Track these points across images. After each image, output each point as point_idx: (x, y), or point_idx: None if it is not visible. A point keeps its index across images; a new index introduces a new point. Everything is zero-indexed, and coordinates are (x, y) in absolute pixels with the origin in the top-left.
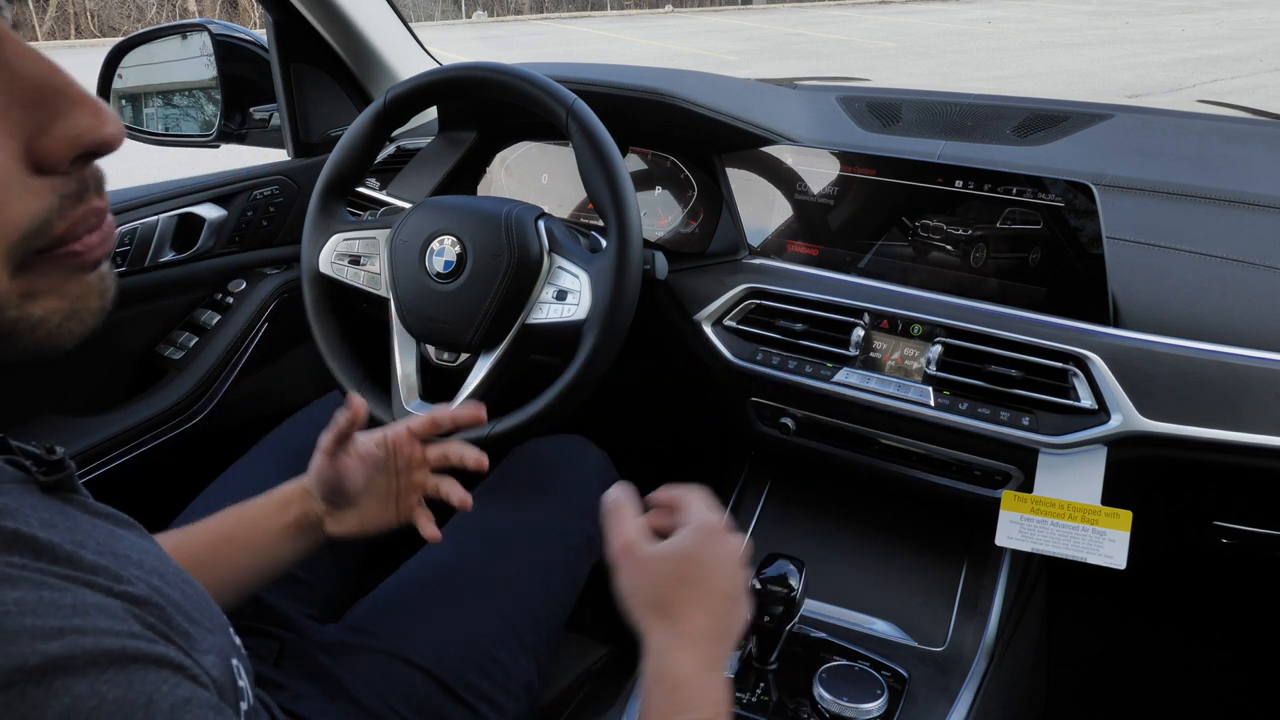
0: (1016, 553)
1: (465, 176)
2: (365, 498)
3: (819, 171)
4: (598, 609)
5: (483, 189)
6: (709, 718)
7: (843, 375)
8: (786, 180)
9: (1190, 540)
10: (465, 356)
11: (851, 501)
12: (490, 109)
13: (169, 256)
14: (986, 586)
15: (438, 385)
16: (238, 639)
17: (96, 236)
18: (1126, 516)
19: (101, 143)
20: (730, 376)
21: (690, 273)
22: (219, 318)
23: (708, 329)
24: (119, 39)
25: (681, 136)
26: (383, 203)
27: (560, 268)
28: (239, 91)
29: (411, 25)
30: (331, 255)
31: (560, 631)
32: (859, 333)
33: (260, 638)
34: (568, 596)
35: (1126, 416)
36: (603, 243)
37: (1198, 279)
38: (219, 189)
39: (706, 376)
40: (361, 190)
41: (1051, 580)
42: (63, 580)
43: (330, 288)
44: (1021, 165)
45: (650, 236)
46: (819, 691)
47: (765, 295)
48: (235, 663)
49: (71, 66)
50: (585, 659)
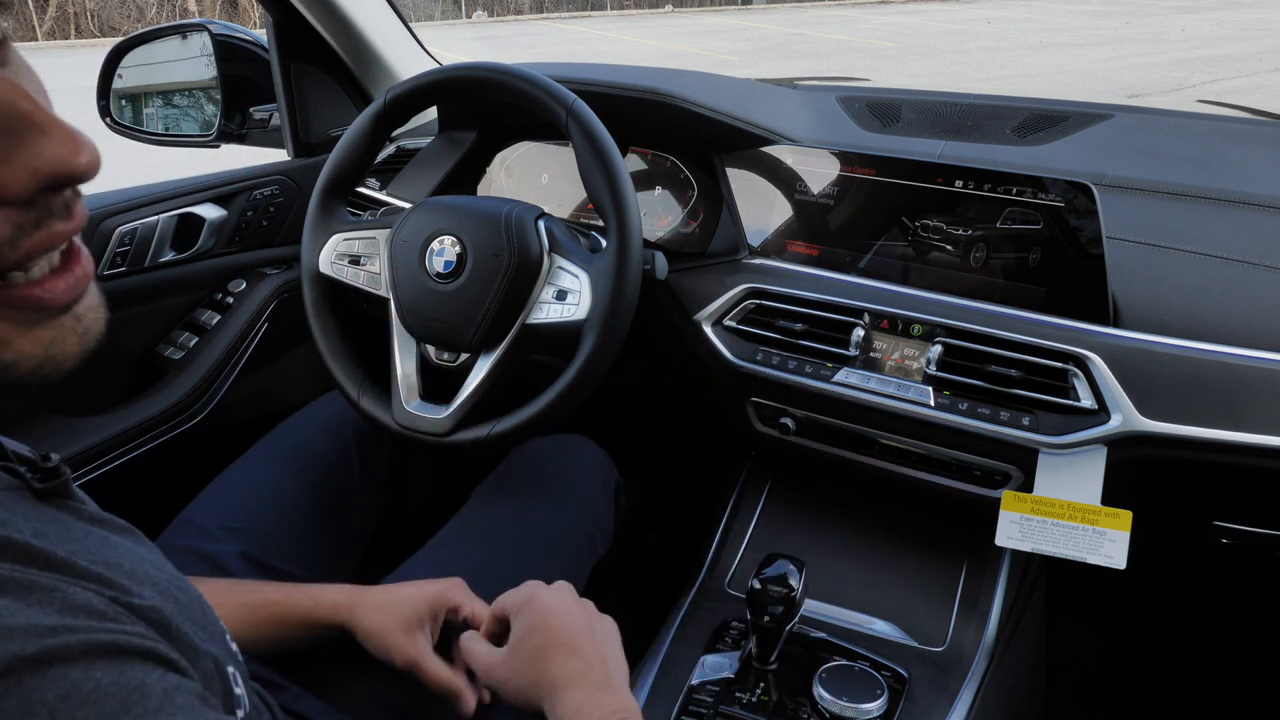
0: (1016, 553)
1: (465, 176)
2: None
3: (819, 171)
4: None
5: (483, 189)
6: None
7: (843, 375)
8: (786, 180)
9: (1190, 540)
10: (465, 356)
11: (851, 501)
12: (490, 109)
13: (169, 256)
14: (986, 586)
15: (438, 385)
16: (234, 646)
17: (63, 282)
18: (1126, 516)
19: (70, 174)
20: (730, 376)
21: (690, 273)
22: (219, 318)
23: (708, 329)
24: (119, 39)
25: (681, 136)
26: (383, 203)
27: (560, 268)
28: (239, 91)
29: (411, 25)
30: (331, 255)
31: None
32: (859, 333)
33: None
34: None
35: (1126, 416)
36: (603, 243)
37: (1198, 279)
38: (219, 189)
39: (706, 376)
40: (361, 190)
41: (1051, 580)
42: (54, 582)
43: (330, 288)
44: (1021, 165)
45: (650, 236)
46: (819, 691)
47: (765, 295)
48: (231, 670)
49: (71, 66)
50: None
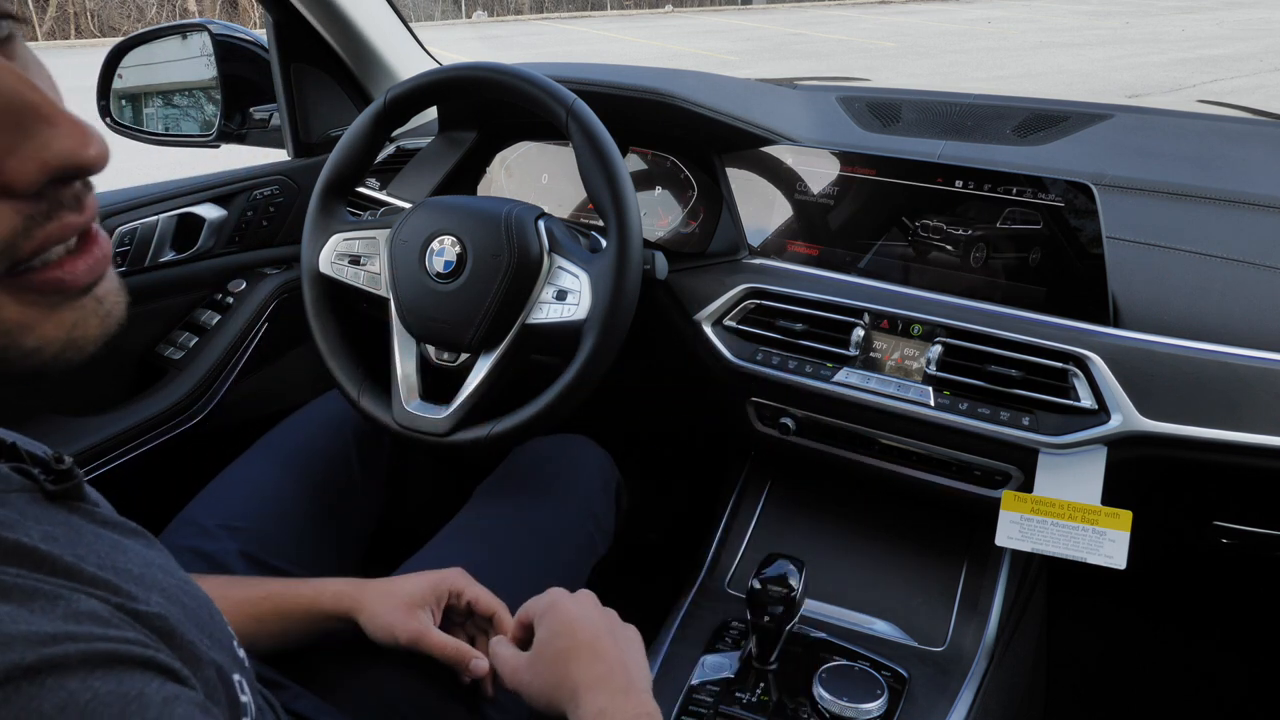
0: (1016, 553)
1: (465, 176)
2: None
3: (819, 171)
4: None
5: (483, 189)
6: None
7: (843, 375)
8: (786, 180)
9: (1190, 540)
10: (465, 356)
11: (851, 501)
12: (490, 109)
13: (169, 256)
14: (986, 586)
15: (438, 385)
16: (241, 651)
17: (83, 263)
18: (1126, 516)
19: (79, 166)
20: (730, 376)
21: (690, 273)
22: (219, 318)
23: (708, 329)
24: (119, 39)
25: (681, 136)
26: (383, 203)
27: (560, 268)
28: (239, 91)
29: (411, 25)
30: (331, 255)
31: None
32: (859, 333)
33: None
34: None
35: (1126, 416)
36: (603, 243)
37: (1198, 279)
38: (219, 189)
39: (706, 376)
40: (361, 190)
41: (1051, 580)
42: (58, 589)
43: (330, 288)
44: (1021, 165)
45: (650, 236)
46: (819, 691)
47: (765, 295)
48: (237, 677)
49: (72, 66)
50: None
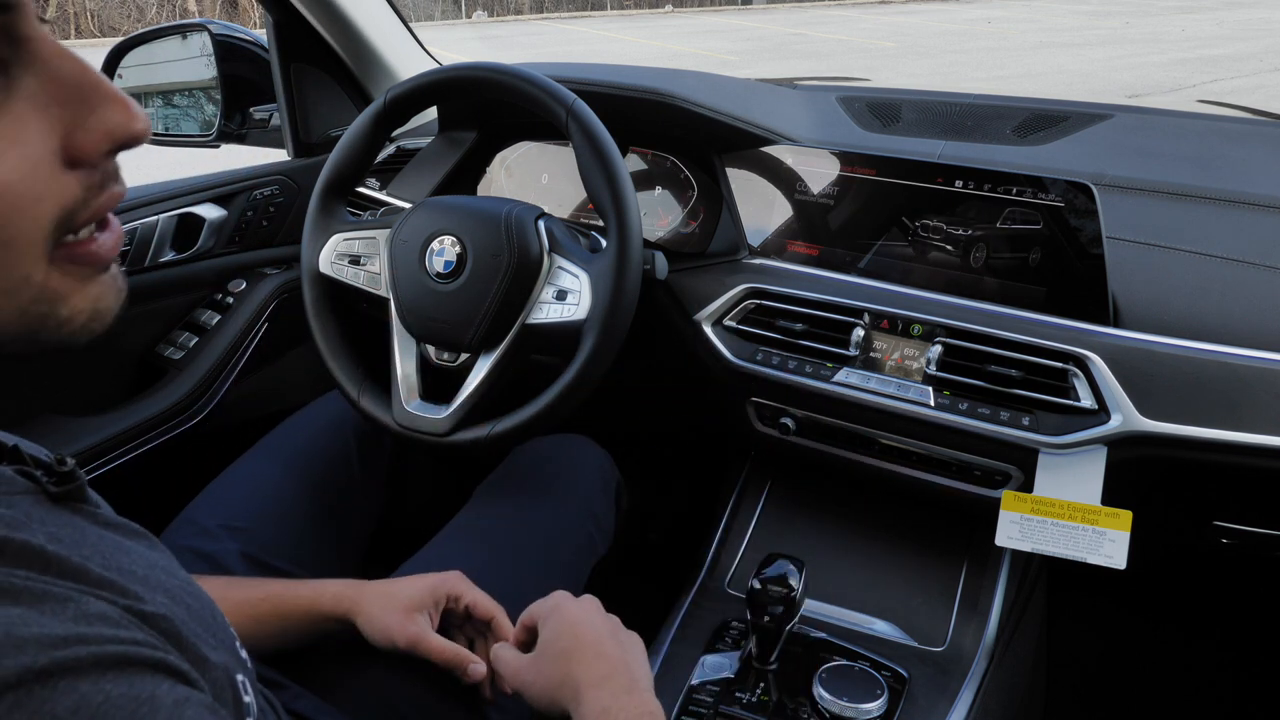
0: (1016, 553)
1: (465, 176)
2: None
3: (819, 171)
4: None
5: (483, 189)
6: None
7: (843, 375)
8: (786, 180)
9: (1190, 540)
10: (465, 356)
11: (851, 501)
12: (490, 109)
13: (169, 256)
14: (986, 586)
15: (438, 385)
16: (244, 652)
17: (109, 239)
18: (1126, 516)
19: (132, 136)
20: (730, 376)
21: (690, 273)
22: (219, 318)
23: (708, 329)
24: (119, 39)
25: (681, 136)
26: (383, 203)
27: (560, 268)
28: (239, 91)
29: (411, 25)
30: (331, 255)
31: None
32: (859, 333)
33: None
34: None
35: (1126, 416)
36: (603, 243)
37: (1198, 279)
38: (219, 189)
39: (706, 376)
40: (361, 190)
41: (1051, 580)
42: (68, 591)
43: (330, 288)
44: (1021, 165)
45: (650, 236)
46: (819, 691)
47: (765, 295)
48: (240, 678)
49: None
50: None
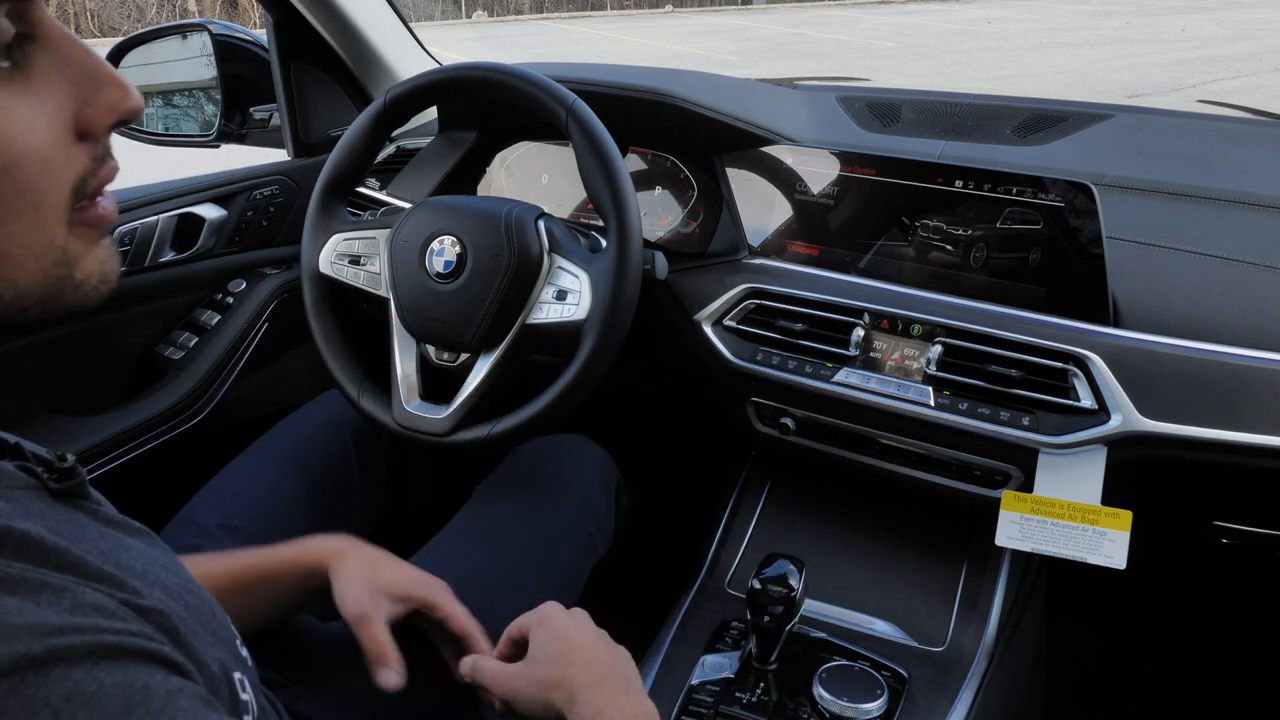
0: (1016, 553)
1: (465, 176)
2: None
3: (819, 171)
4: (598, 609)
5: (483, 189)
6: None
7: (843, 375)
8: (786, 180)
9: (1190, 540)
10: (465, 356)
11: (851, 501)
12: (490, 109)
13: (169, 256)
14: (986, 586)
15: (438, 385)
16: (244, 651)
17: (109, 203)
18: (1126, 516)
19: (131, 113)
20: (730, 376)
21: (690, 273)
22: (219, 318)
23: (708, 329)
24: (119, 39)
25: (681, 136)
26: (383, 203)
27: (560, 268)
28: (239, 91)
29: (411, 25)
30: (331, 255)
31: None
32: (859, 333)
33: (262, 637)
34: (568, 596)
35: (1126, 416)
36: (603, 243)
37: (1198, 279)
38: (219, 189)
39: (706, 376)
40: (361, 190)
41: (1051, 580)
42: (65, 582)
43: (330, 288)
44: (1021, 165)
45: (650, 236)
46: (819, 691)
47: (765, 295)
48: (239, 676)
49: None
50: None
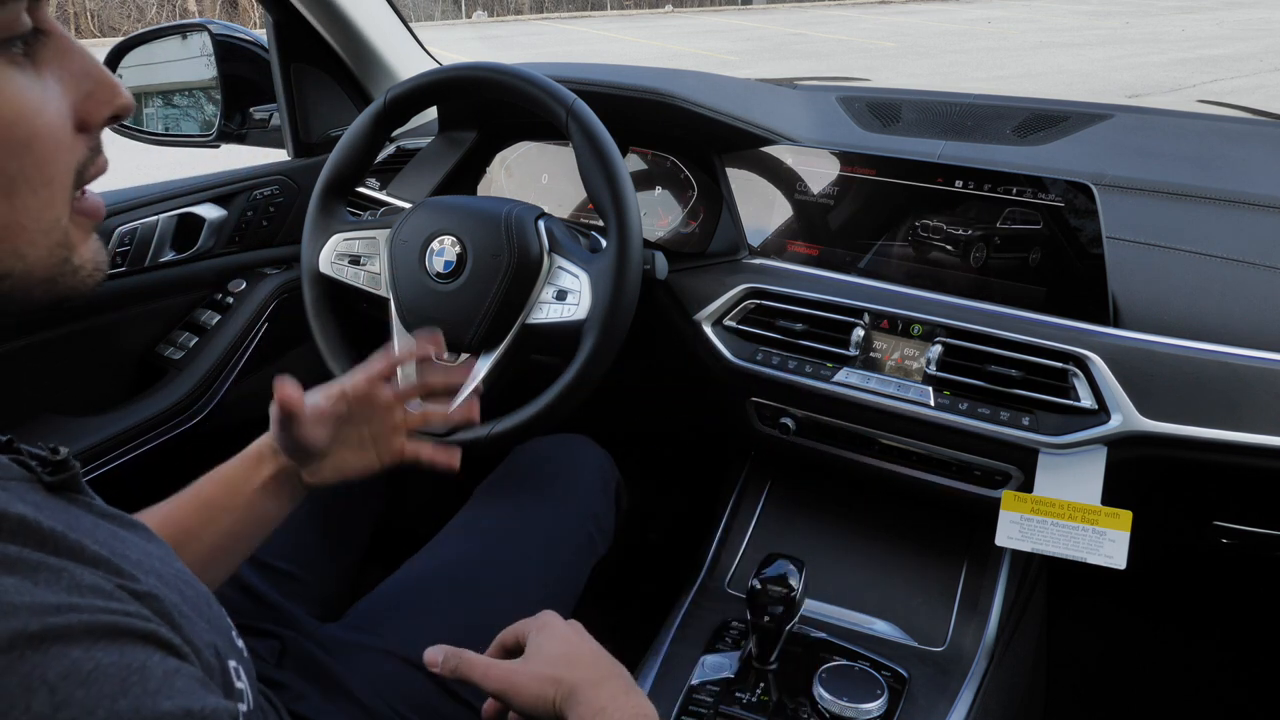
0: (1016, 553)
1: (465, 176)
2: (337, 448)
3: (819, 171)
4: (598, 609)
5: (483, 189)
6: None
7: (843, 375)
8: (786, 180)
9: (1190, 540)
10: (465, 356)
11: (851, 501)
12: (490, 109)
13: (169, 256)
14: (986, 586)
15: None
16: (240, 642)
17: (98, 197)
18: (1126, 516)
19: (123, 109)
20: (730, 376)
21: (690, 273)
22: (219, 318)
23: (708, 329)
24: (119, 39)
25: (681, 136)
26: (383, 203)
27: (560, 268)
28: (239, 91)
29: (411, 25)
30: (331, 255)
31: None
32: (859, 333)
33: (262, 638)
34: (568, 596)
35: (1126, 416)
36: (603, 243)
37: (1198, 279)
38: (219, 189)
39: (706, 376)
40: (361, 190)
41: (1051, 580)
42: (63, 564)
43: (330, 288)
44: (1021, 165)
45: (650, 236)
46: (819, 691)
47: (765, 295)
48: (234, 664)
49: None
50: None
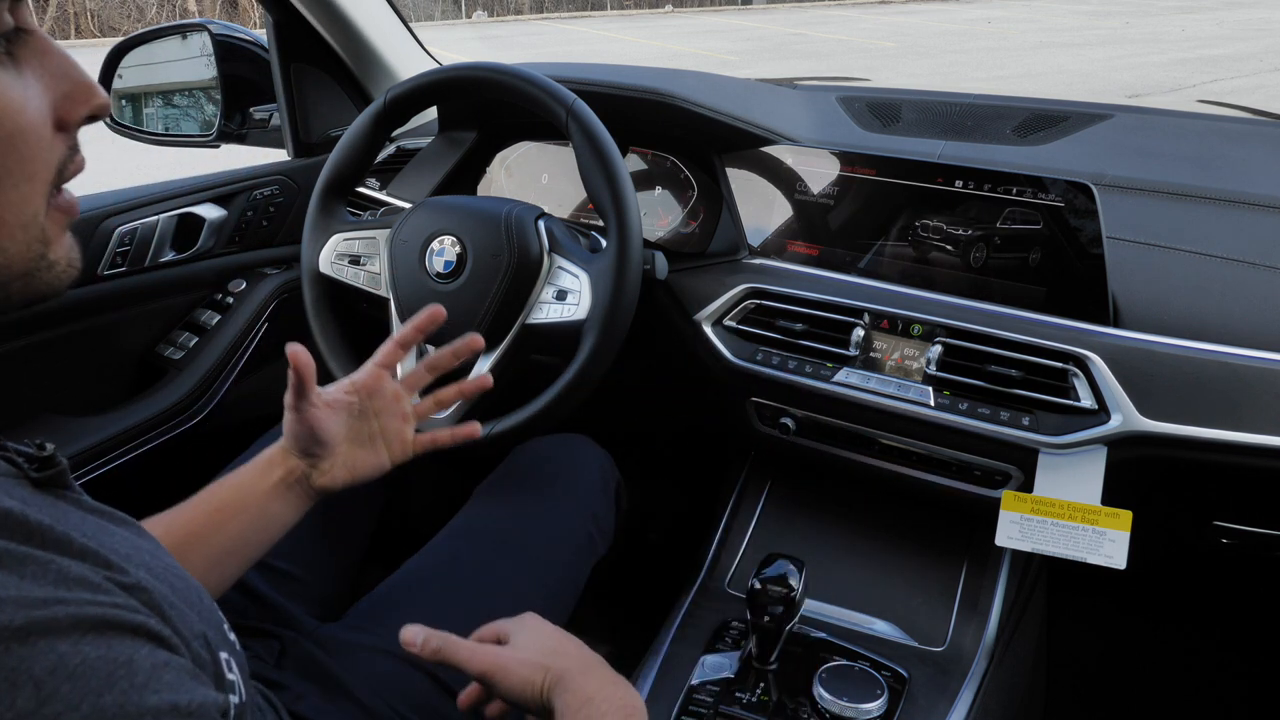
0: (1016, 553)
1: (465, 176)
2: (348, 446)
3: (819, 171)
4: (598, 609)
5: (483, 189)
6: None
7: (843, 375)
8: (786, 180)
9: (1190, 540)
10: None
11: (851, 501)
12: (490, 109)
13: (169, 256)
14: (986, 586)
15: (437, 385)
16: (233, 636)
17: (73, 196)
18: (1126, 516)
19: (100, 109)
20: (730, 376)
21: (690, 273)
22: (219, 318)
23: (708, 329)
24: (119, 39)
25: (681, 136)
26: (383, 203)
27: (560, 268)
28: (239, 91)
29: (411, 25)
30: (331, 255)
31: None
32: (859, 333)
33: (261, 638)
34: (568, 596)
35: (1126, 416)
36: (603, 243)
37: (1198, 279)
38: (219, 189)
39: (706, 376)
40: (361, 190)
41: (1051, 580)
42: (50, 556)
43: (330, 288)
44: (1021, 165)
45: (650, 236)
46: (819, 691)
47: (765, 295)
48: (225, 656)
49: None
50: None
